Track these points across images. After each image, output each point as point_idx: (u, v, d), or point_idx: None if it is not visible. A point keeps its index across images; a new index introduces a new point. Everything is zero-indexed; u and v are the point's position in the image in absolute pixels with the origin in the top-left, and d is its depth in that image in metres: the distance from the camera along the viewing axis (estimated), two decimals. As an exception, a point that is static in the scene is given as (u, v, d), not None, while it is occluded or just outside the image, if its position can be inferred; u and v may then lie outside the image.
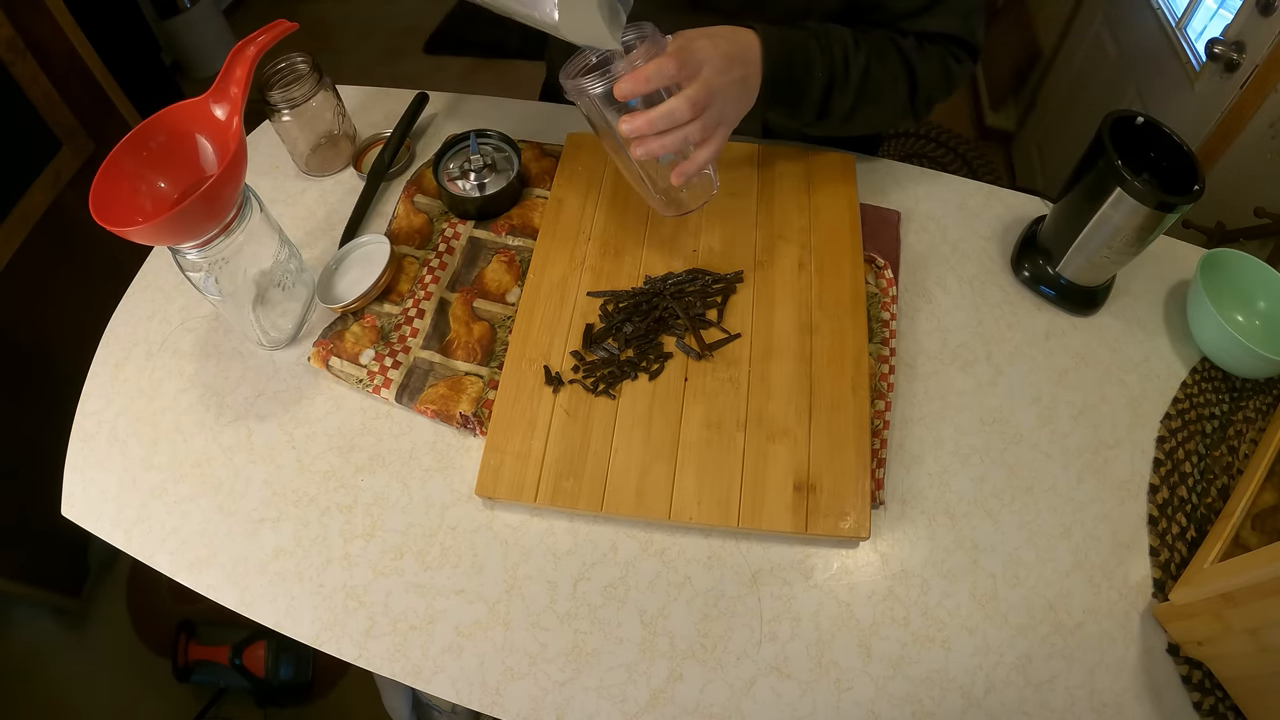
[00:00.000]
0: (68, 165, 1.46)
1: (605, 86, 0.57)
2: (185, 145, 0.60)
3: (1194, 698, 0.54)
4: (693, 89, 0.58)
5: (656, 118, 0.57)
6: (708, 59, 0.59)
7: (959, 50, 0.72)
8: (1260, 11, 1.11)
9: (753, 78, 0.63)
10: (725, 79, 0.60)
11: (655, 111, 0.57)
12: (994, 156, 2.07)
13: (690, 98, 0.57)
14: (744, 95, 0.63)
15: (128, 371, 0.71)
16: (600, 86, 0.57)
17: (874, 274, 0.73)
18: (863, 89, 0.68)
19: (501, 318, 0.71)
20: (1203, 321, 0.68)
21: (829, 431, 0.62)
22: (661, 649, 0.56)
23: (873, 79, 0.68)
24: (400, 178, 0.83)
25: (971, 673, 0.55)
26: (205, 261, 0.60)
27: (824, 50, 0.66)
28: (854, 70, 0.67)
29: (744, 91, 0.63)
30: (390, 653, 0.57)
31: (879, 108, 0.71)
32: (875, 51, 0.68)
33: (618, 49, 0.58)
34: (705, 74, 0.58)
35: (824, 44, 0.66)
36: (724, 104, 0.61)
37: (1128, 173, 0.61)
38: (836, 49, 0.66)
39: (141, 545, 0.62)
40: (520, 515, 0.62)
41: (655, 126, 0.58)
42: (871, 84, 0.68)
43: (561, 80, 0.59)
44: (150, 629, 1.41)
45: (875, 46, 0.68)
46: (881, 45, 0.69)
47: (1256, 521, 0.58)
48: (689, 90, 0.57)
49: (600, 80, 0.57)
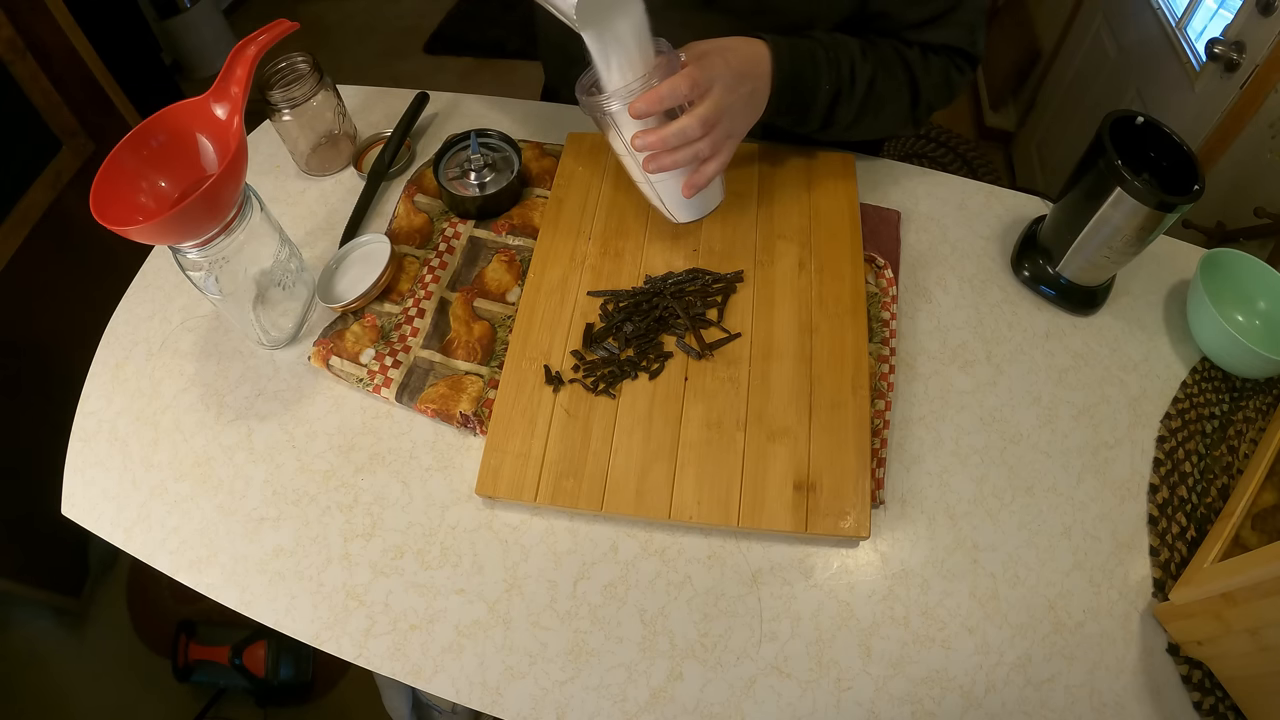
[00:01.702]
0: (68, 165, 1.46)
1: (620, 105, 0.58)
2: (186, 145, 0.60)
3: (1194, 697, 0.54)
4: (704, 107, 0.58)
5: (669, 135, 0.58)
6: (719, 76, 0.60)
7: (961, 61, 0.73)
8: (1260, 11, 1.11)
9: (761, 90, 0.64)
10: (735, 95, 0.61)
11: (668, 130, 0.58)
12: (994, 156, 2.08)
13: (701, 117, 0.58)
14: (753, 108, 0.64)
15: (128, 371, 0.71)
16: (615, 105, 0.58)
17: (874, 274, 0.73)
18: (867, 102, 0.69)
19: (502, 317, 0.71)
20: (1203, 321, 0.68)
21: (829, 431, 0.62)
22: (661, 648, 0.56)
23: (877, 92, 0.69)
24: (400, 177, 0.83)
25: (971, 672, 0.55)
26: (206, 261, 0.60)
27: (832, 63, 0.66)
28: (860, 83, 0.68)
29: (753, 104, 0.64)
30: (390, 652, 0.57)
31: (881, 119, 0.72)
32: (881, 64, 0.69)
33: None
34: (716, 92, 0.59)
35: (832, 56, 0.66)
36: (733, 119, 0.62)
37: (1128, 173, 0.61)
38: (844, 62, 0.67)
39: (141, 544, 0.62)
40: (520, 515, 0.62)
41: (667, 144, 0.59)
42: (875, 97, 0.69)
43: (577, 94, 0.60)
44: (150, 629, 1.41)
45: (882, 59, 0.69)
46: (888, 58, 0.69)
47: (1256, 521, 0.58)
48: (700, 109, 0.58)
49: (615, 99, 0.58)
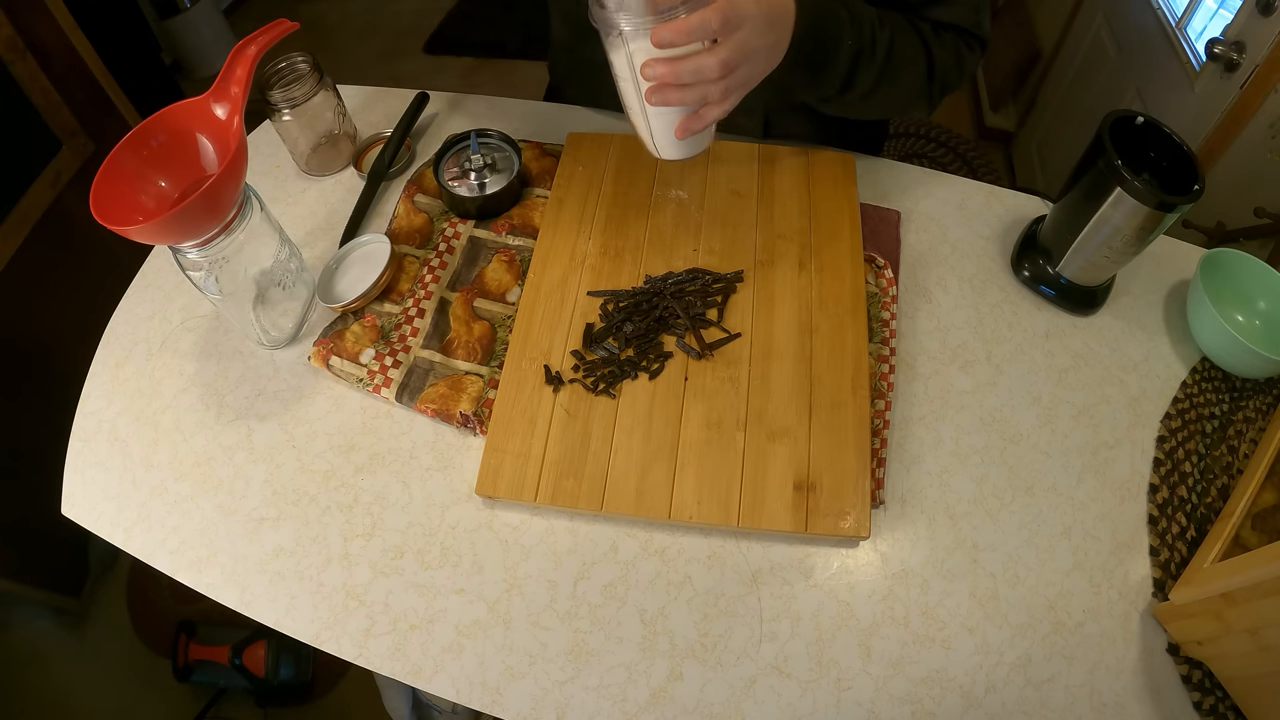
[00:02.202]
0: (68, 165, 1.46)
1: (638, 26, 0.53)
2: (186, 144, 0.60)
3: (1194, 697, 0.54)
4: (727, 50, 0.54)
5: (684, 70, 0.54)
6: (749, 17, 0.55)
7: (971, 40, 0.73)
8: (1260, 11, 1.11)
9: (784, 42, 0.60)
10: (761, 41, 0.57)
11: (683, 65, 0.54)
12: (994, 156, 2.07)
13: (724, 60, 0.54)
14: (772, 58, 0.60)
15: (128, 371, 0.71)
16: (631, 25, 0.53)
17: (874, 274, 0.73)
18: (887, 65, 0.67)
19: (502, 317, 0.71)
20: (1203, 321, 0.68)
21: (829, 431, 0.62)
22: (661, 648, 0.56)
23: (897, 56, 0.68)
24: (400, 177, 0.83)
25: (971, 672, 0.55)
26: (206, 261, 0.60)
27: (854, 21, 0.65)
28: (880, 45, 0.66)
29: (773, 55, 0.60)
30: (390, 652, 0.57)
31: (899, 88, 0.70)
32: (899, 31, 0.68)
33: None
34: (742, 35, 0.55)
35: (854, 15, 0.65)
36: (752, 65, 0.58)
37: (1128, 172, 0.61)
38: (866, 22, 0.66)
39: (141, 544, 0.62)
40: (520, 514, 0.62)
41: (680, 79, 0.55)
42: (895, 61, 0.68)
43: (591, 6, 0.55)
44: (150, 629, 1.41)
45: (898, 26, 0.68)
46: (903, 26, 0.69)
47: (1256, 521, 0.57)
48: (723, 51, 0.54)
49: (632, 17, 0.53)
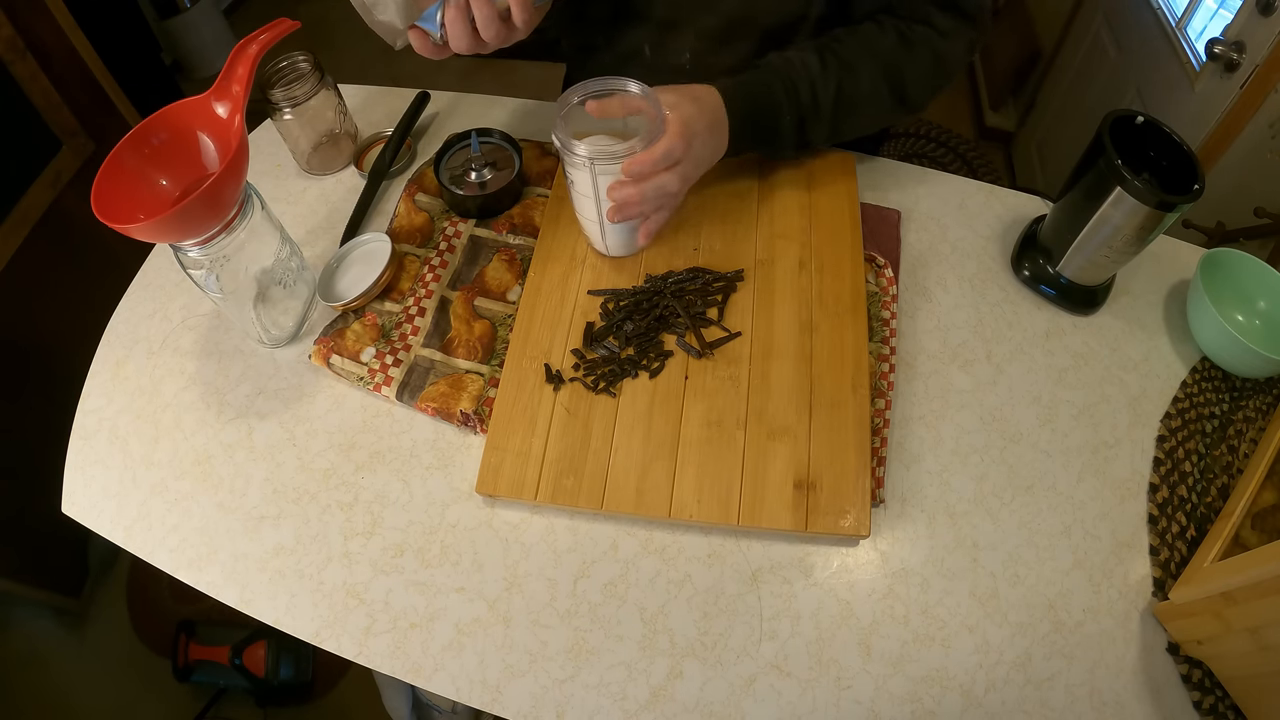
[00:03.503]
0: (68, 165, 1.46)
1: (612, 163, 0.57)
2: (187, 143, 0.60)
3: (1194, 697, 0.54)
4: (685, 165, 0.58)
5: (649, 190, 0.58)
6: (698, 132, 0.59)
7: (948, 19, 0.68)
8: (1260, 11, 1.11)
9: (724, 142, 0.64)
10: (706, 151, 0.62)
11: (648, 185, 0.58)
12: (994, 156, 2.08)
13: (684, 175, 0.58)
14: (715, 159, 0.64)
15: (128, 369, 0.71)
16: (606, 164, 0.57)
17: (874, 273, 0.73)
18: (837, 114, 0.68)
19: (502, 316, 0.71)
20: (1203, 321, 0.68)
21: (829, 430, 0.62)
22: (661, 647, 0.56)
23: (846, 100, 0.68)
24: (401, 176, 0.84)
25: (971, 671, 0.55)
26: (206, 259, 0.60)
27: (790, 91, 0.66)
28: (824, 102, 0.67)
29: (716, 155, 0.64)
30: (390, 650, 0.57)
31: (861, 119, 0.71)
32: (847, 70, 0.67)
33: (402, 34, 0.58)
34: (694, 150, 0.59)
35: (788, 86, 0.66)
36: (699, 170, 0.62)
37: (1128, 172, 0.61)
38: (803, 87, 0.66)
39: (141, 542, 0.62)
40: (520, 513, 0.62)
41: (644, 199, 0.58)
42: (846, 105, 0.68)
43: (554, 129, 0.58)
44: (150, 629, 1.41)
45: (845, 62, 0.67)
46: (857, 56, 0.67)
47: (1256, 521, 0.58)
48: (682, 168, 0.58)
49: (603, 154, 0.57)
